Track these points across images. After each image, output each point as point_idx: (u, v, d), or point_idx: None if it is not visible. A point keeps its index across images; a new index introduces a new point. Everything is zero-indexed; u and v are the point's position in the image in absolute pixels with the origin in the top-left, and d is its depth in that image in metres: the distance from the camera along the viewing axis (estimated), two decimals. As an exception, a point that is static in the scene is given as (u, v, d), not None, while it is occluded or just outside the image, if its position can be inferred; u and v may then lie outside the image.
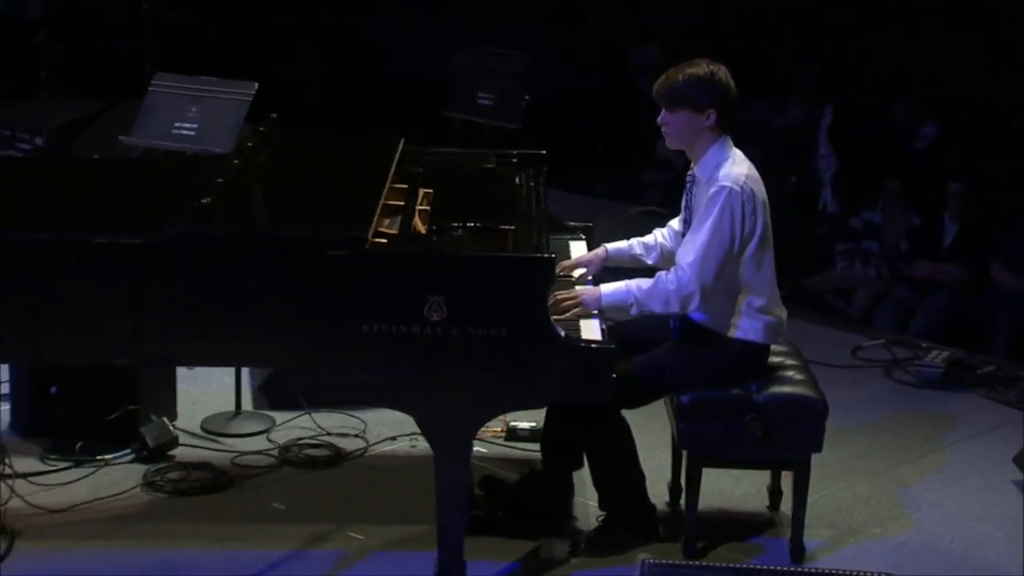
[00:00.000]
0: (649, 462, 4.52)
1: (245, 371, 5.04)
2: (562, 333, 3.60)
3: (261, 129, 4.51)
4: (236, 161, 4.02)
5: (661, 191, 8.12)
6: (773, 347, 4.28)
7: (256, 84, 5.38)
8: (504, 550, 4.15)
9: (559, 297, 3.97)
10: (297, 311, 3.55)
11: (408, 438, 4.78)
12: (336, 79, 9.31)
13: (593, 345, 3.67)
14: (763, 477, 4.53)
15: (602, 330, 3.89)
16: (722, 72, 4.02)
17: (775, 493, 4.49)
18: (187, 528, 4.20)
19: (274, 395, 5.10)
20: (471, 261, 3.62)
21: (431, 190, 4.19)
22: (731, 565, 3.14)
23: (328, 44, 9.61)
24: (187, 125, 5.33)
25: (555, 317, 3.79)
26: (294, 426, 4.92)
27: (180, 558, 4.02)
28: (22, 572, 3.90)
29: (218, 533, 4.18)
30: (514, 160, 4.67)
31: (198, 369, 5.29)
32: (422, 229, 3.88)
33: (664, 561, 3.62)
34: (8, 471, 4.35)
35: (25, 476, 4.40)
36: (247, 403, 5.05)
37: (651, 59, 8.73)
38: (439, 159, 4.59)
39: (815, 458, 4.14)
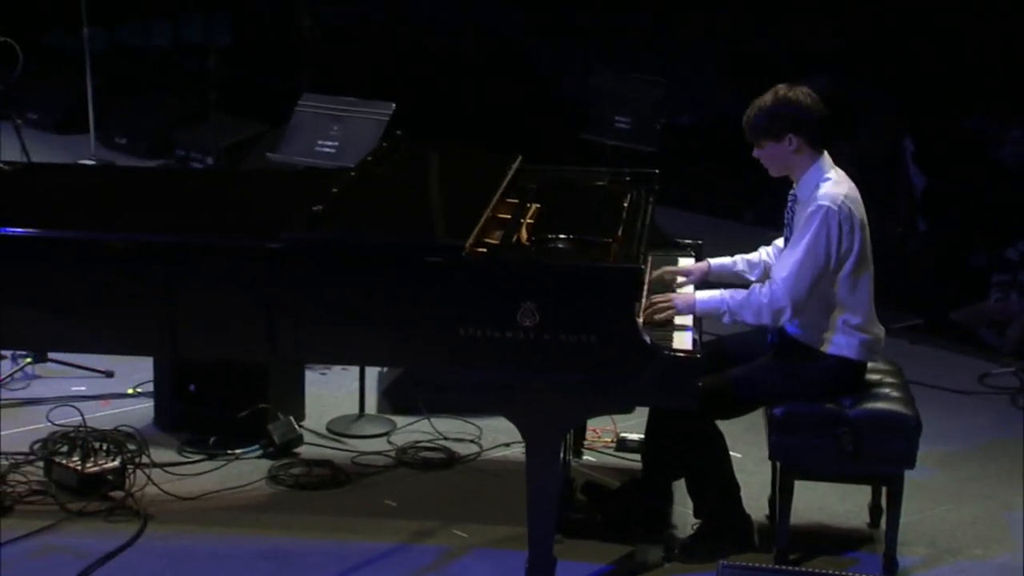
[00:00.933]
0: (755, 475, 4.64)
1: (370, 377, 5.31)
2: (648, 340, 3.75)
3: (384, 144, 4.79)
4: (353, 173, 4.29)
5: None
6: (873, 365, 4.35)
7: (393, 104, 5.69)
8: (600, 553, 4.31)
9: (654, 300, 4.13)
10: (398, 314, 3.78)
11: (522, 445, 4.98)
12: (503, 100, 9.61)
13: (678, 353, 3.81)
14: (867, 495, 4.59)
15: (694, 341, 4.02)
16: (795, 94, 4.11)
17: (875, 510, 4.54)
18: (303, 519, 4.47)
19: (397, 400, 5.35)
20: (561, 270, 3.79)
21: (539, 204, 4.39)
22: (807, 570, 3.24)
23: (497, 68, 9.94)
24: (328, 143, 5.67)
25: (648, 317, 3.98)
26: (413, 430, 5.16)
27: (294, 546, 4.28)
28: (150, 551, 4.21)
29: (331, 525, 4.43)
30: (627, 178, 4.86)
31: (327, 374, 5.61)
32: (524, 240, 4.08)
33: (740, 564, 3.74)
34: (146, 461, 4.71)
35: (162, 467, 4.73)
36: (371, 407, 5.32)
37: (821, 87, 8.80)
38: (553, 176, 4.80)
39: (922, 479, 4.18)
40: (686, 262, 4.64)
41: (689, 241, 4.85)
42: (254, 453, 4.91)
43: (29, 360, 5.54)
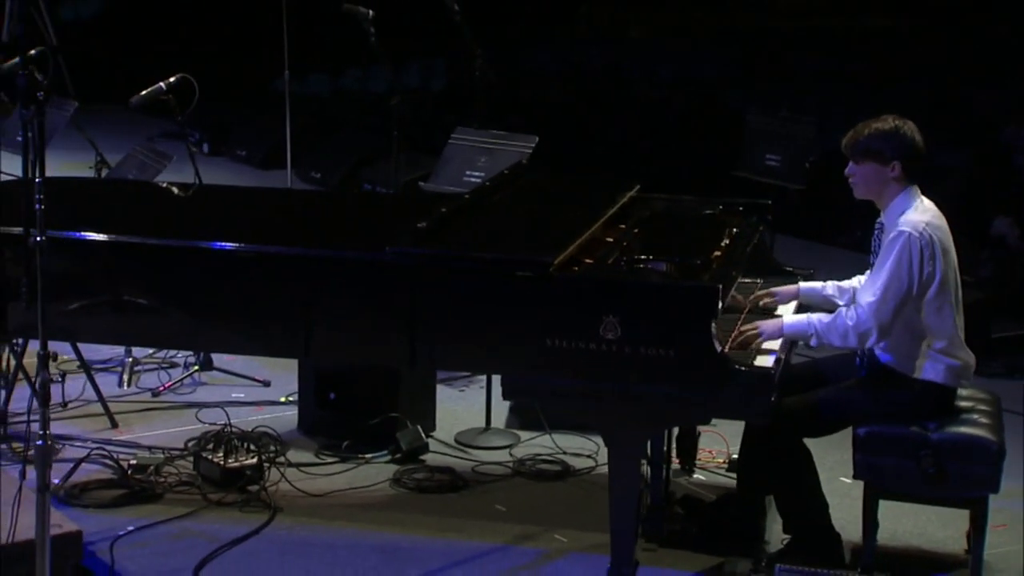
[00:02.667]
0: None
1: (496, 392, 5.64)
2: (724, 355, 3.96)
3: (505, 171, 5.14)
4: (467, 196, 4.64)
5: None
6: (969, 392, 4.45)
7: (536, 137, 6.04)
8: (691, 562, 4.52)
9: (742, 328, 4.34)
10: (492, 324, 4.09)
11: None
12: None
13: (753, 370, 4.01)
14: (967, 522, 4.66)
15: (776, 360, 4.21)
16: (908, 127, 4.29)
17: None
18: (417, 519, 4.81)
19: (523, 416, 5.66)
20: (641, 287, 4.05)
21: (643, 229, 4.66)
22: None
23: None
24: (476, 173, 6.05)
25: (737, 344, 4.20)
26: (535, 444, 5.47)
27: (403, 541, 4.62)
28: (274, 539, 4.62)
29: (441, 525, 4.76)
30: (740, 208, 5.08)
31: (465, 391, 5.97)
32: (619, 261, 4.36)
33: (797, 568, 3.92)
34: (283, 460, 5.15)
35: (297, 466, 5.16)
36: (500, 422, 5.65)
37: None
38: (667, 204, 5.06)
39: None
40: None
41: (801, 270, 5.03)
42: (383, 458, 5.29)
43: (197, 368, 6.08)
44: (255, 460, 5.00)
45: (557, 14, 14.16)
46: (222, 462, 4.96)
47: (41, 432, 2.97)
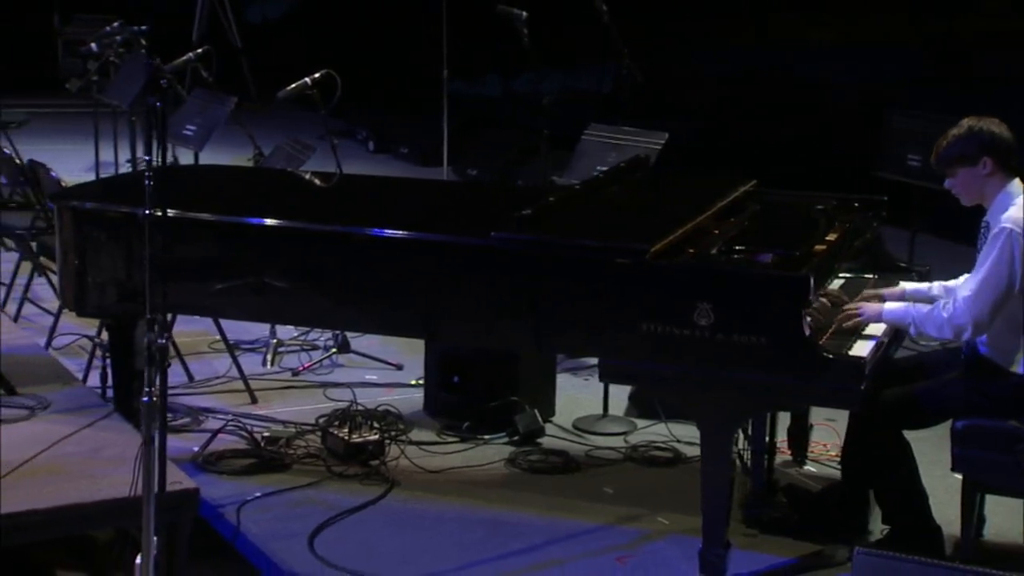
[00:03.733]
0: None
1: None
2: (813, 342, 4.05)
3: (622, 164, 5.30)
4: (578, 187, 4.82)
5: None
6: (1076, 390, 4.43)
7: (666, 134, 6.17)
8: (790, 549, 4.60)
9: (844, 308, 4.42)
10: (591, 309, 4.25)
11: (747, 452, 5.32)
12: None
13: (844, 358, 4.09)
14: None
15: (877, 345, 4.28)
16: (985, 123, 4.33)
17: (1086, 536, 4.58)
18: (526, 497, 5.00)
19: (640, 405, 5.80)
20: (734, 275, 4.16)
21: (753, 222, 4.76)
22: (938, 562, 3.47)
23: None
24: (604, 169, 6.21)
25: (838, 325, 4.28)
26: (651, 432, 5.60)
27: (512, 518, 4.82)
28: (386, 510, 4.86)
29: (549, 504, 4.94)
30: (855, 205, 5.13)
31: (590, 380, 6.13)
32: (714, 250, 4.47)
33: (876, 551, 3.98)
34: (404, 438, 5.41)
35: (418, 444, 5.41)
36: (620, 410, 5.80)
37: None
38: (781, 199, 5.14)
39: None
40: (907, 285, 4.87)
41: (918, 267, 5.07)
42: (500, 439, 5.50)
43: (335, 350, 6.38)
44: (377, 437, 5.27)
45: (731, 16, 14.22)
46: (347, 437, 5.23)
47: (147, 389, 3.26)
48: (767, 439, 4.93)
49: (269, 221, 4.74)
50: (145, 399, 3.24)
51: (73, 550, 4.32)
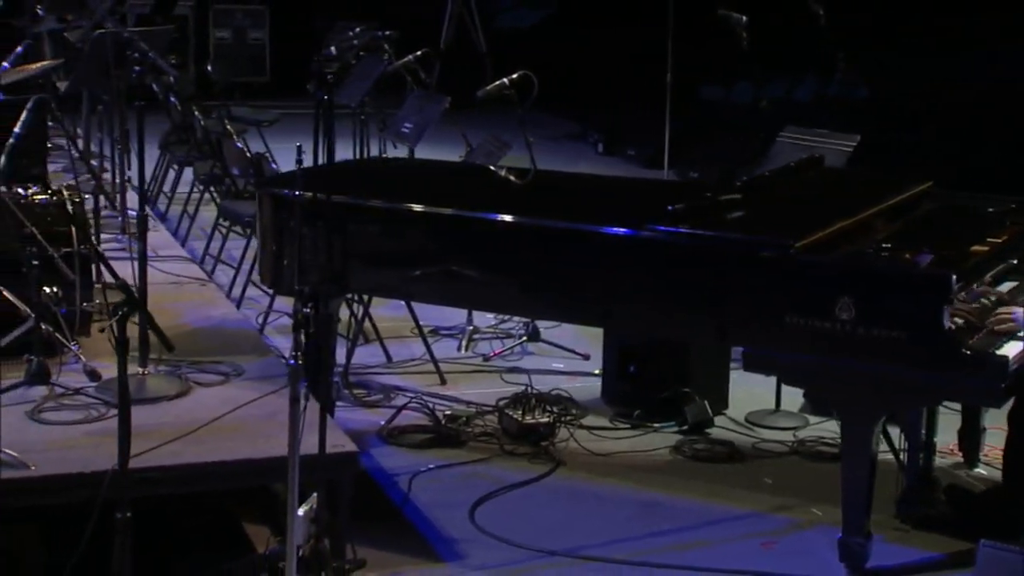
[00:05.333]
0: None
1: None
2: (950, 334, 4.09)
3: (792, 163, 5.42)
4: (739, 183, 4.98)
5: None
6: None
7: (858, 136, 6.23)
8: (940, 545, 4.65)
9: (999, 311, 4.43)
10: (735, 300, 4.42)
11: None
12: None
13: (984, 355, 4.12)
14: None
15: (1024, 350, 4.29)
16: None
17: None
18: (684, 482, 5.18)
19: (815, 401, 5.88)
20: (874, 272, 4.25)
21: (919, 222, 4.83)
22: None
23: None
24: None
25: (990, 327, 4.31)
26: (822, 429, 5.68)
27: (666, 500, 5.01)
28: (548, 487, 5.14)
29: (706, 490, 5.11)
30: (1032, 209, 5.11)
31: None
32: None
33: (1000, 544, 4.02)
34: (575, 422, 5.66)
35: (588, 428, 5.66)
36: (795, 405, 5.90)
37: None
38: (953, 201, 5.17)
39: None
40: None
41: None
42: (670, 428, 5.68)
43: (525, 338, 6.69)
44: (549, 420, 5.54)
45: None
46: (521, 418, 5.52)
47: (294, 353, 3.61)
48: (923, 435, 4.96)
49: (460, 212, 5.07)
50: (291, 362, 3.59)
51: (256, 503, 4.75)
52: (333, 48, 8.98)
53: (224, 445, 4.39)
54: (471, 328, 6.79)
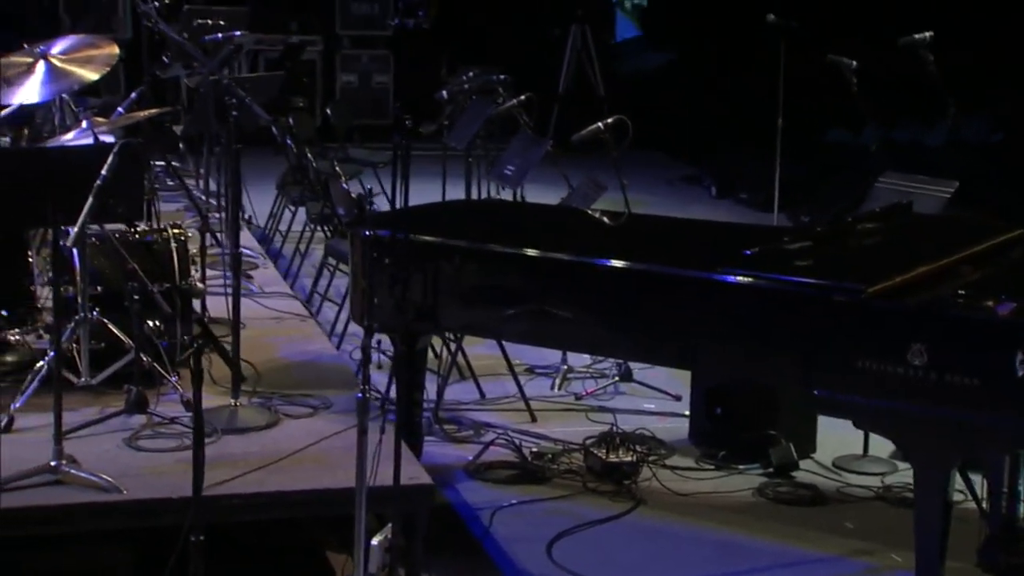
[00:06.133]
0: None
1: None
2: (1019, 377, 4.07)
3: (877, 209, 5.42)
4: (819, 229, 5.00)
5: None
6: None
7: (956, 183, 6.21)
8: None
9: None
10: (809, 344, 4.44)
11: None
12: None
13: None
14: None
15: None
16: None
17: None
18: (765, 524, 5.19)
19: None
20: (946, 318, 4.25)
21: (1008, 270, 4.81)
22: None
23: None
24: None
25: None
26: (911, 475, 5.63)
27: (743, 540, 5.04)
28: (627, 524, 5.20)
29: (786, 532, 5.12)
30: None
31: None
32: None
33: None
34: (659, 461, 5.72)
35: (672, 468, 5.70)
36: (884, 451, 5.86)
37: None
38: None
39: None
40: None
41: None
42: (754, 470, 5.70)
43: (617, 378, 6.76)
44: (633, 458, 5.60)
45: None
46: (605, 456, 5.60)
47: (361, 386, 3.75)
48: (1008, 482, 4.91)
49: (547, 253, 5.18)
50: (359, 395, 3.73)
51: (339, 532, 4.89)
52: (444, 92, 9.19)
53: (306, 475, 4.56)
54: (565, 367, 6.89)
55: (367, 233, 5.27)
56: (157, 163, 7.58)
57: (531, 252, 5.22)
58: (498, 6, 15.53)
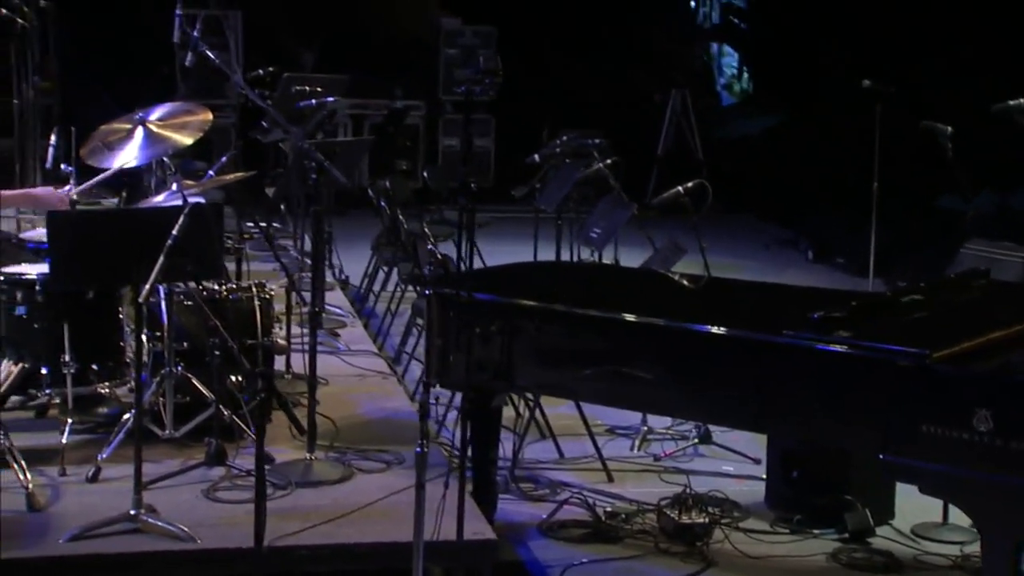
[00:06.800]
0: None
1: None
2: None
3: (954, 275, 5.39)
4: (888, 293, 5.00)
5: None
6: None
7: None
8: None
9: None
10: (875, 408, 4.44)
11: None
12: None
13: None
14: None
15: None
16: None
17: None
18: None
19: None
20: (1009, 384, 4.22)
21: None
22: None
23: None
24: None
25: None
26: (990, 543, 5.55)
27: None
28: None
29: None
30: None
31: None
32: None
33: None
34: (733, 524, 5.71)
35: (745, 531, 5.69)
36: (964, 519, 5.78)
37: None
38: None
39: None
40: None
41: None
42: (829, 535, 5.66)
43: (697, 440, 6.76)
44: (705, 520, 5.60)
45: None
46: (678, 517, 5.61)
47: (420, 440, 3.84)
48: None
49: (628, 317, 5.23)
50: (418, 450, 3.82)
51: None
52: (536, 156, 9.33)
53: (373, 528, 4.66)
54: (645, 429, 6.91)
55: (441, 292, 5.40)
56: (251, 224, 7.79)
57: (608, 314, 5.28)
58: (600, 71, 15.72)
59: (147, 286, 4.35)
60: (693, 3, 18.01)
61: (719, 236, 9.18)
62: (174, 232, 4.29)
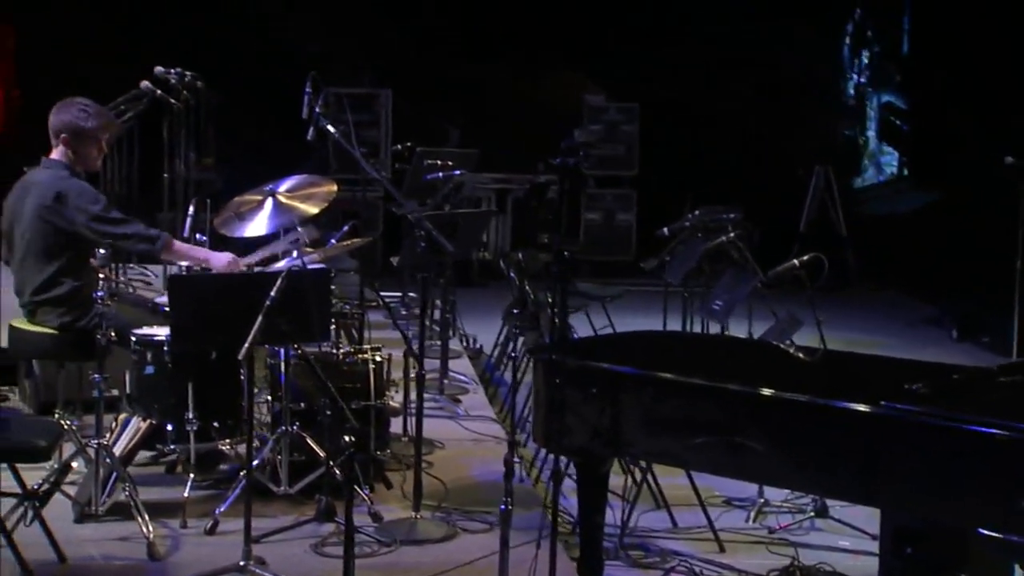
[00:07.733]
0: None
1: None
2: None
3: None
4: (994, 368, 4.95)
5: None
6: None
7: None
8: None
9: None
10: (973, 484, 4.41)
11: None
12: None
13: None
14: None
15: None
16: None
17: None
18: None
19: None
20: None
21: None
22: None
23: None
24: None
25: None
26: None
27: None
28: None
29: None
30: None
31: None
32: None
33: None
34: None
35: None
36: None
37: None
38: None
39: None
40: None
41: None
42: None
43: (813, 514, 6.71)
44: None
45: None
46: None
47: (505, 498, 3.93)
48: None
49: (737, 387, 5.25)
50: (502, 507, 3.92)
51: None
52: (666, 229, 9.41)
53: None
54: (761, 501, 6.89)
55: (542, 358, 5.51)
56: (374, 292, 8.04)
57: (715, 384, 5.31)
58: (742, 146, 15.76)
59: (245, 346, 4.56)
60: (849, 77, 17.87)
61: (864, 313, 9.14)
62: (271, 294, 4.49)
